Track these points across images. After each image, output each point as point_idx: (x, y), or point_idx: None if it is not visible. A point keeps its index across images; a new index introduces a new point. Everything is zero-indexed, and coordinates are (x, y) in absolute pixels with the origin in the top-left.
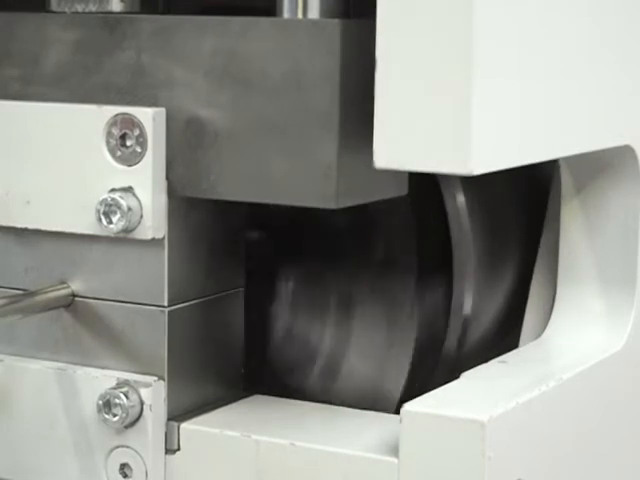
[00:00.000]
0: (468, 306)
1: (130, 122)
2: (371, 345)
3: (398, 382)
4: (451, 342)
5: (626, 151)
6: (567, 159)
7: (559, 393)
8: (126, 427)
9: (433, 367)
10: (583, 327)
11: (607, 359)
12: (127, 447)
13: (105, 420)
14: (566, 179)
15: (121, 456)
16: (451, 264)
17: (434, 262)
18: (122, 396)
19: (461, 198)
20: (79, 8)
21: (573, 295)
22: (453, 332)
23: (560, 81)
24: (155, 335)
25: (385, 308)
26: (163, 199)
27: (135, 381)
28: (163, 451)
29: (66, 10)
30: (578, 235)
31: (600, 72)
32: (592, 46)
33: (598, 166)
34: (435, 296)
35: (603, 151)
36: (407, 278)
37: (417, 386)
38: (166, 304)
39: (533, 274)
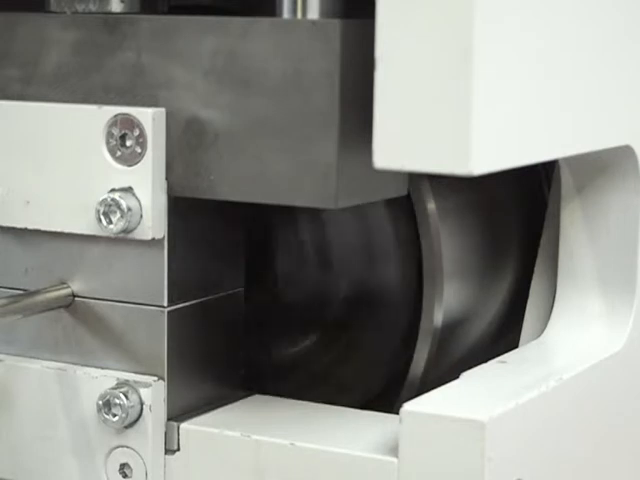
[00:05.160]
0: (439, 319)
1: (130, 122)
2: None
3: None
4: (421, 355)
5: (626, 151)
6: (567, 159)
7: (559, 393)
8: (126, 427)
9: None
10: (583, 327)
11: (607, 359)
12: (127, 447)
13: (105, 420)
14: (566, 179)
15: (121, 456)
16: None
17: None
18: (122, 396)
19: (432, 205)
20: (79, 8)
21: (573, 295)
22: (423, 345)
23: (560, 81)
24: (155, 335)
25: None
26: (163, 199)
27: (135, 381)
28: (163, 451)
29: (66, 10)
30: (578, 235)
31: (600, 72)
32: (592, 46)
33: (598, 166)
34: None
35: (603, 151)
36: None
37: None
38: (166, 304)
39: (533, 274)
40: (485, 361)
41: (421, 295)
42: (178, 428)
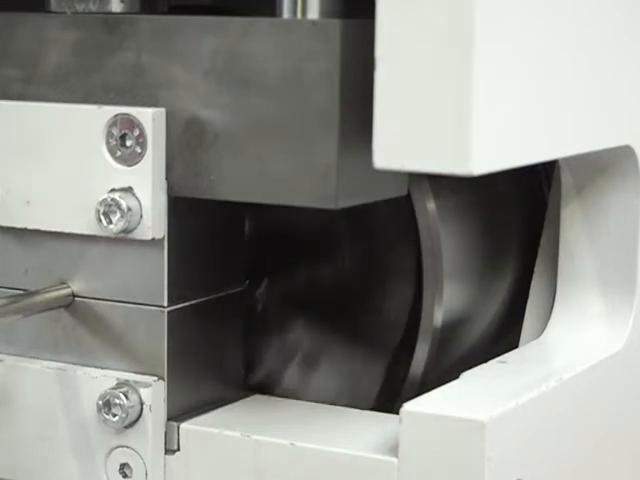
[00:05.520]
0: (439, 318)
1: (130, 122)
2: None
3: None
4: (421, 355)
5: (626, 151)
6: (567, 159)
7: (559, 393)
8: (126, 427)
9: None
10: (583, 327)
11: (607, 359)
12: (127, 447)
13: (105, 420)
14: (566, 179)
15: (121, 456)
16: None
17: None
18: (122, 396)
19: (432, 205)
20: (79, 8)
21: (573, 295)
22: (423, 345)
23: (560, 81)
24: (155, 335)
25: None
26: (163, 199)
27: (135, 381)
28: (163, 451)
29: (66, 10)
30: (578, 235)
31: (600, 72)
32: (592, 46)
33: (598, 166)
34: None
35: (603, 151)
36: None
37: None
38: (166, 304)
39: (533, 274)
40: (485, 361)
41: (421, 295)
42: (178, 428)
